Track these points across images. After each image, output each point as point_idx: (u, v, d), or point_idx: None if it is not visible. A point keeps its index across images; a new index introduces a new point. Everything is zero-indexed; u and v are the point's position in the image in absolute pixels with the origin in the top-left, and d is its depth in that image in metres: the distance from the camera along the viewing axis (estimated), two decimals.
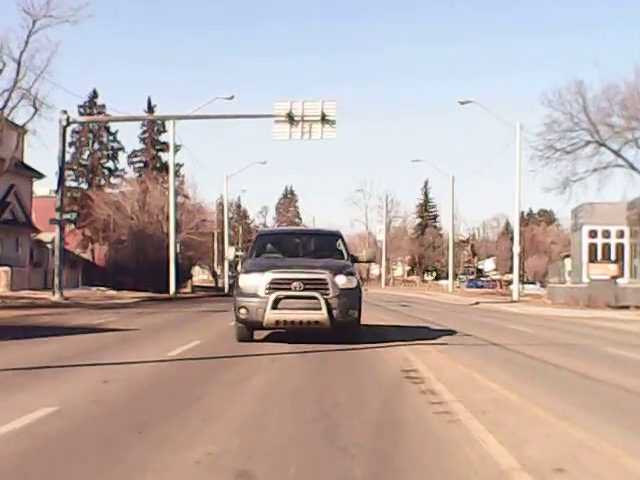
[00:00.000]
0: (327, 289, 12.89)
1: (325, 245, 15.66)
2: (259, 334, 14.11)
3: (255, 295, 12.94)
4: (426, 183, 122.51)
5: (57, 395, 7.66)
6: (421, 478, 4.89)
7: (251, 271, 13.47)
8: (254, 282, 13.06)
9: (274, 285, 12.90)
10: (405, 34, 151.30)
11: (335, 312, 12.83)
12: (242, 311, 13.07)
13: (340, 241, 15.43)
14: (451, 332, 17.99)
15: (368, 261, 16.68)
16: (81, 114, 63.51)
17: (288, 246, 15.58)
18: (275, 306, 12.79)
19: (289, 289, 12.86)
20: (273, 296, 12.79)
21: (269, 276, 12.97)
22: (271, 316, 12.81)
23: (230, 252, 14.11)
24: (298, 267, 13.37)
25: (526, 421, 6.91)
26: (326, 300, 12.78)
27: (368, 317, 17.99)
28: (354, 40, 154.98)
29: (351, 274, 13.48)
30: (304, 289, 12.85)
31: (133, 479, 4.73)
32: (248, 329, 13.51)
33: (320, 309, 12.76)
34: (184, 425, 6.36)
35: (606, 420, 7.12)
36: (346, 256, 14.82)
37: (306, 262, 13.95)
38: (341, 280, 13.09)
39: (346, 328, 13.39)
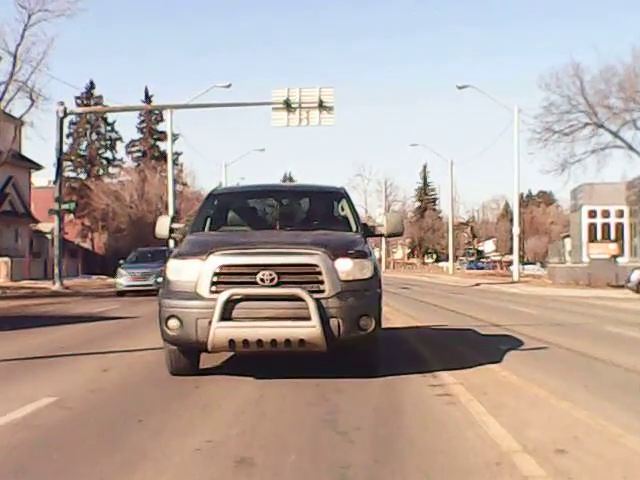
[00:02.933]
0: (321, 282, 7.53)
1: (320, 210, 10.08)
2: (211, 360, 8.80)
3: (193, 296, 7.62)
4: (425, 167, 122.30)
5: (57, 385, 7.68)
6: (422, 462, 4.88)
7: (186, 255, 8.02)
8: (191, 273, 7.69)
9: (225, 277, 7.59)
10: (402, 19, 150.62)
11: (335, 323, 7.48)
12: (172, 324, 7.69)
13: (344, 203, 9.70)
14: (452, 313, 17.99)
15: (392, 235, 9.64)
16: (78, 105, 63.43)
17: (260, 213, 10.41)
18: (227, 314, 7.42)
19: (253, 283, 7.52)
20: (224, 296, 7.41)
21: (216, 261, 7.62)
22: (220, 332, 7.42)
23: (162, 226, 9.15)
24: (268, 244, 8.02)
25: (527, 402, 6.91)
26: (319, 302, 7.42)
27: None
28: (351, 26, 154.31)
29: (363, 255, 8.02)
30: (279, 283, 7.50)
31: (133, 467, 4.72)
32: (186, 354, 8.19)
33: (308, 318, 7.37)
34: (184, 413, 6.36)
35: (607, 399, 7.11)
36: (354, 227, 9.21)
37: (284, 236, 8.71)
38: (345, 266, 7.69)
39: (355, 350, 8.13)
